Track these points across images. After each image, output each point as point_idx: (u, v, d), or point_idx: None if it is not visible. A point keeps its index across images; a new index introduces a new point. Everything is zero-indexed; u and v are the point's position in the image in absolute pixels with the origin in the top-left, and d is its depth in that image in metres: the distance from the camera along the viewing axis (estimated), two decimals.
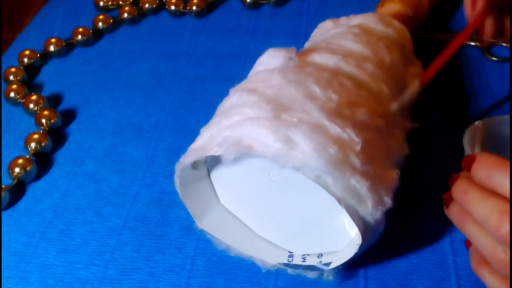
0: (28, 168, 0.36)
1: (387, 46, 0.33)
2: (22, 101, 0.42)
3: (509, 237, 0.21)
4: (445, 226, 0.31)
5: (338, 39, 0.33)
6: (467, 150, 0.28)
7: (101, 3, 0.53)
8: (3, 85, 0.44)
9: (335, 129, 0.24)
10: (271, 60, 0.31)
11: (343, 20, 0.39)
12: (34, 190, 0.36)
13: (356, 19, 0.37)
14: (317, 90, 0.27)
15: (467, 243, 0.27)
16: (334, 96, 0.27)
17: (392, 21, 0.37)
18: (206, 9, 0.52)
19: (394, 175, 0.26)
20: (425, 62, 0.39)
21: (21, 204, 0.35)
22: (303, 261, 0.29)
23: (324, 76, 0.28)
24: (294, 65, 0.29)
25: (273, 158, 0.23)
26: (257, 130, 0.24)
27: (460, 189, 0.24)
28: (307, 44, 0.38)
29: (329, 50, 0.32)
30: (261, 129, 0.24)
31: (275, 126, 0.24)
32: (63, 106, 0.43)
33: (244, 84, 0.29)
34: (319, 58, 0.31)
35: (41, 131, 0.39)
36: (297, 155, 0.23)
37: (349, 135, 0.25)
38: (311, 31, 0.41)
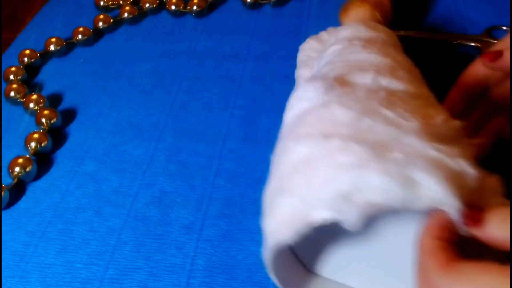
0: (28, 168, 0.36)
1: (394, 49, 0.33)
2: (22, 100, 0.42)
3: None
4: None
5: (350, 55, 0.31)
6: None
7: (102, 3, 0.53)
8: (3, 85, 0.44)
9: (446, 160, 0.22)
10: (308, 94, 0.27)
11: (324, 36, 0.37)
12: (34, 190, 0.36)
13: (345, 32, 0.35)
14: (389, 114, 0.24)
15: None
16: (409, 116, 0.24)
17: (376, 25, 0.36)
18: (207, 9, 0.52)
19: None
20: (425, 62, 0.39)
21: (21, 204, 0.35)
22: None
23: (381, 96, 0.25)
24: (343, 92, 0.26)
25: (401, 204, 0.20)
26: (369, 176, 0.21)
27: None
28: (305, 71, 0.36)
29: (355, 68, 0.29)
30: (373, 175, 0.21)
31: (387, 167, 0.21)
32: (63, 105, 0.43)
33: (301, 129, 0.25)
34: (354, 79, 0.28)
35: (41, 131, 0.39)
36: (426, 193, 0.21)
37: (461, 165, 0.22)
38: (312, 31, 0.41)
